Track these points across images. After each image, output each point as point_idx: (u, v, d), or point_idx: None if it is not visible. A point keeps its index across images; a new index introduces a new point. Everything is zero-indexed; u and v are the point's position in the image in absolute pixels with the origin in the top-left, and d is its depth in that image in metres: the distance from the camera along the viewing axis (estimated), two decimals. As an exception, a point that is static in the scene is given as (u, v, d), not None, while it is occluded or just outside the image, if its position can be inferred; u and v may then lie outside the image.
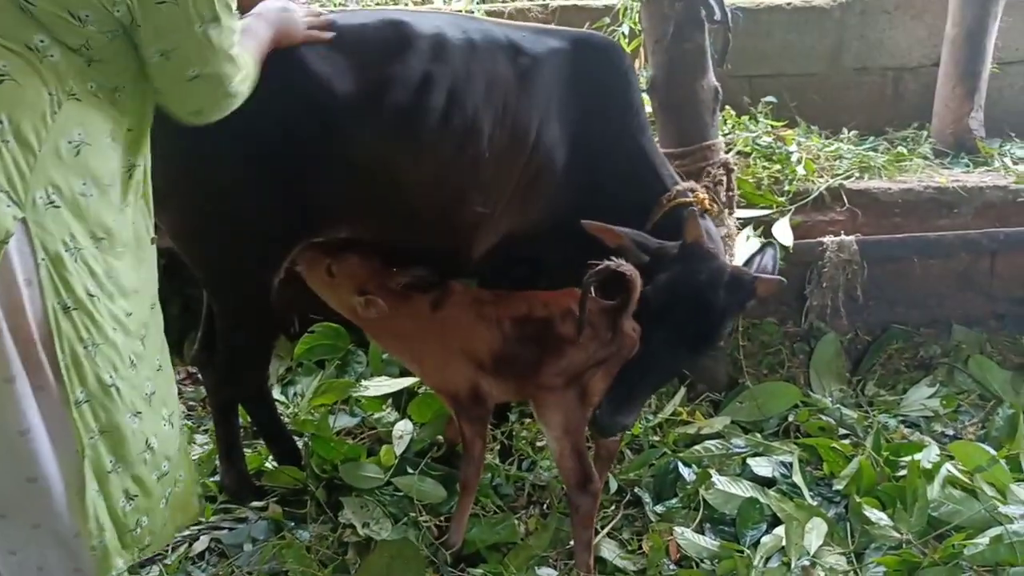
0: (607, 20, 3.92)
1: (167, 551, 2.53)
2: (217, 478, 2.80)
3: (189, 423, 3.24)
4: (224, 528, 2.66)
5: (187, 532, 2.62)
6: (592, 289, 2.17)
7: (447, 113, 2.32)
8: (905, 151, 4.27)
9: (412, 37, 2.33)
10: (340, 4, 5.67)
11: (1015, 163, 4.20)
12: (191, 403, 3.40)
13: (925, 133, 4.59)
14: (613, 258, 2.12)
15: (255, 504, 2.73)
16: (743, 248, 3.18)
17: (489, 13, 4.26)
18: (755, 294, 2.35)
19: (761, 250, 2.60)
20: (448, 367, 2.42)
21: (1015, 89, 4.92)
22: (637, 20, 3.40)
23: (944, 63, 4.50)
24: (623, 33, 3.66)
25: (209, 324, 2.68)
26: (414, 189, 2.39)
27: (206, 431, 3.15)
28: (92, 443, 1.72)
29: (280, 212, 2.31)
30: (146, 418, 1.85)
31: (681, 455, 2.92)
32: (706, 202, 2.62)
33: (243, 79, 1.83)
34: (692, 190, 2.65)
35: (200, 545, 2.59)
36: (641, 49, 3.57)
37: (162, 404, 1.95)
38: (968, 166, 4.24)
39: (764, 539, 2.54)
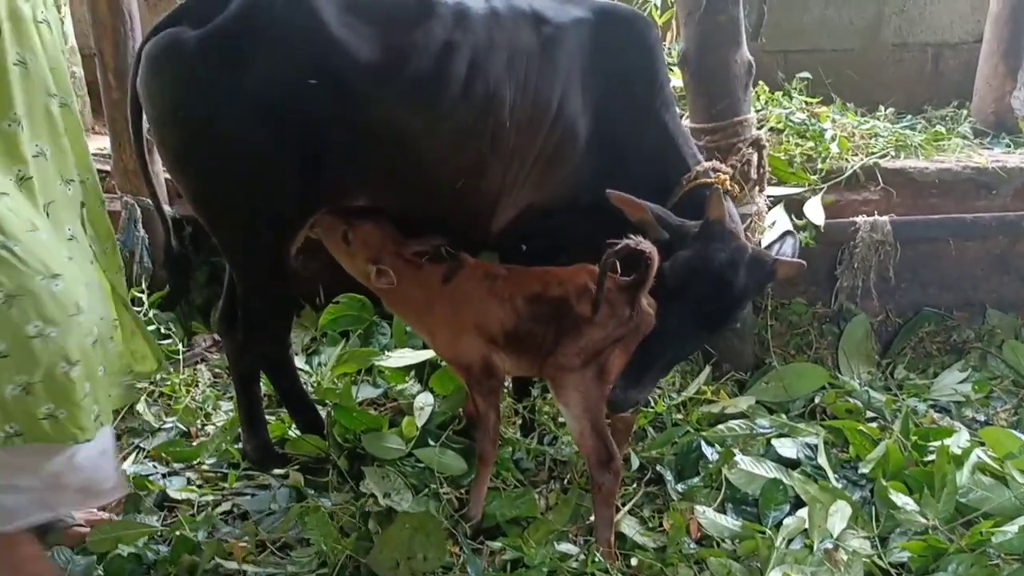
0: (639, -8, 3.86)
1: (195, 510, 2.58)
2: (240, 445, 2.82)
3: (215, 390, 3.28)
4: (247, 494, 2.69)
5: (211, 496, 2.66)
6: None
7: (468, 82, 2.31)
8: (943, 130, 4.17)
9: (434, 5, 2.32)
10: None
11: (1057, 144, 4.09)
12: (217, 370, 3.43)
13: (965, 112, 4.48)
14: (631, 236, 2.09)
15: (277, 472, 2.75)
16: (766, 234, 3.12)
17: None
18: (775, 276, 2.31)
19: (782, 237, 2.56)
20: (459, 340, 2.41)
21: (1060, 68, 4.78)
22: (670, -9, 3.34)
23: (987, 40, 4.37)
24: (655, 5, 3.59)
25: (231, 291, 2.69)
26: (434, 158, 2.37)
27: (231, 398, 3.18)
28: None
29: (297, 178, 2.30)
30: (68, 281, 1.83)
31: (704, 434, 2.90)
32: (727, 182, 2.57)
33: None
34: (715, 170, 2.60)
35: (222, 509, 2.63)
36: (673, 21, 3.50)
37: (79, 271, 1.93)
38: (1009, 146, 4.13)
39: (787, 520, 2.51)
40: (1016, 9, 4.20)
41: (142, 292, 3.46)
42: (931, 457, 2.75)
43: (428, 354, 3.13)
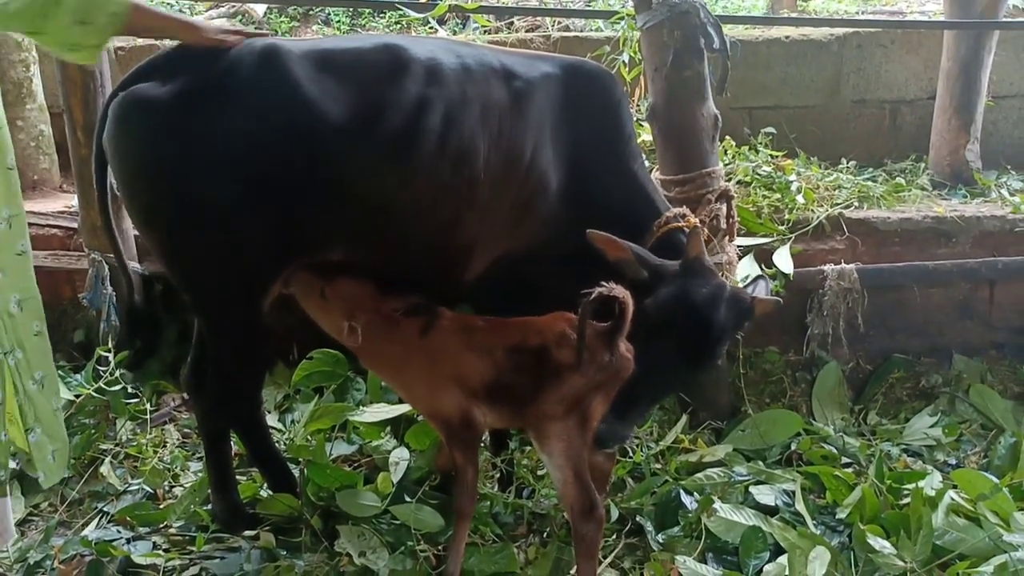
0: (607, 49, 3.96)
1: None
2: (209, 506, 2.75)
3: (184, 450, 3.20)
4: (216, 558, 2.61)
5: (177, 561, 2.58)
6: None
7: (442, 136, 2.33)
8: (903, 182, 4.30)
9: (406, 61, 2.34)
10: (349, 29, 5.74)
11: (1012, 194, 4.22)
12: (186, 430, 3.36)
13: (923, 164, 4.62)
14: (604, 283, 2.12)
15: (247, 533, 2.67)
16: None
17: (491, 43, 4.29)
18: (753, 314, 2.37)
19: (754, 281, 2.63)
20: (438, 394, 2.39)
21: (1010, 122, 4.98)
22: (637, 49, 3.43)
23: (940, 96, 4.54)
24: (623, 62, 3.68)
25: (200, 347, 2.64)
26: (408, 212, 2.38)
27: (200, 458, 3.11)
28: None
29: (270, 234, 2.28)
30: None
31: (683, 483, 2.89)
32: (697, 227, 2.63)
33: None
34: (683, 216, 2.67)
35: (190, 574, 2.55)
36: (641, 78, 3.59)
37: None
38: (965, 197, 4.26)
39: (767, 568, 2.51)
40: (966, 66, 4.37)
41: (108, 351, 3.40)
42: (906, 500, 2.77)
43: (403, 408, 3.09)
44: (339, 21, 6.72)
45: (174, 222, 2.27)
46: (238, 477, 2.83)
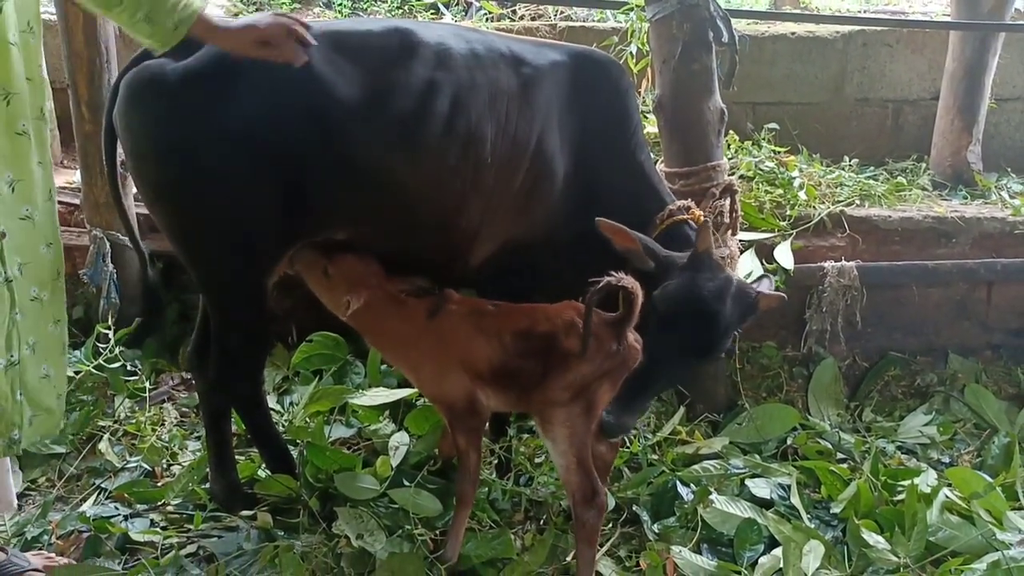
0: (615, 39, 3.95)
1: (158, 553, 2.51)
2: (207, 485, 2.76)
3: (182, 429, 3.20)
4: (213, 537, 2.62)
5: (175, 539, 2.58)
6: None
7: (450, 120, 2.34)
8: (904, 181, 4.31)
9: (416, 45, 2.35)
10: (351, 13, 5.71)
11: (1012, 196, 4.25)
12: (184, 409, 3.36)
13: (924, 165, 4.64)
14: (613, 273, 2.12)
15: (245, 513, 2.68)
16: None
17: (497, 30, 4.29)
18: (758, 308, 2.38)
19: (759, 279, 2.66)
20: (445, 376, 2.39)
21: (1012, 125, 5.00)
22: (645, 40, 3.43)
23: (943, 97, 4.56)
24: (631, 53, 3.68)
25: (204, 326, 2.64)
26: (415, 194, 2.39)
27: (198, 437, 3.12)
28: None
29: (278, 211, 2.29)
30: None
31: (680, 474, 2.91)
32: (701, 219, 2.64)
33: None
34: (688, 208, 2.68)
35: (187, 552, 2.55)
36: (649, 69, 3.59)
37: None
38: (966, 198, 4.29)
39: (762, 560, 2.53)
40: (971, 68, 4.38)
41: (108, 328, 3.40)
42: (900, 497, 2.80)
43: (403, 393, 3.10)
44: (341, 4, 6.69)
45: (183, 198, 2.28)
46: (237, 457, 2.83)
